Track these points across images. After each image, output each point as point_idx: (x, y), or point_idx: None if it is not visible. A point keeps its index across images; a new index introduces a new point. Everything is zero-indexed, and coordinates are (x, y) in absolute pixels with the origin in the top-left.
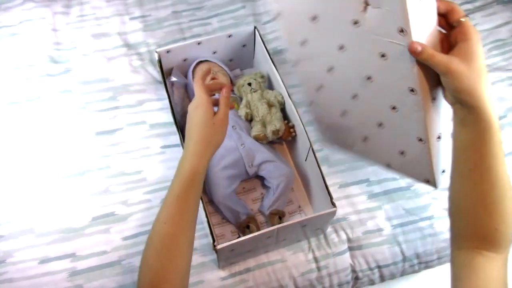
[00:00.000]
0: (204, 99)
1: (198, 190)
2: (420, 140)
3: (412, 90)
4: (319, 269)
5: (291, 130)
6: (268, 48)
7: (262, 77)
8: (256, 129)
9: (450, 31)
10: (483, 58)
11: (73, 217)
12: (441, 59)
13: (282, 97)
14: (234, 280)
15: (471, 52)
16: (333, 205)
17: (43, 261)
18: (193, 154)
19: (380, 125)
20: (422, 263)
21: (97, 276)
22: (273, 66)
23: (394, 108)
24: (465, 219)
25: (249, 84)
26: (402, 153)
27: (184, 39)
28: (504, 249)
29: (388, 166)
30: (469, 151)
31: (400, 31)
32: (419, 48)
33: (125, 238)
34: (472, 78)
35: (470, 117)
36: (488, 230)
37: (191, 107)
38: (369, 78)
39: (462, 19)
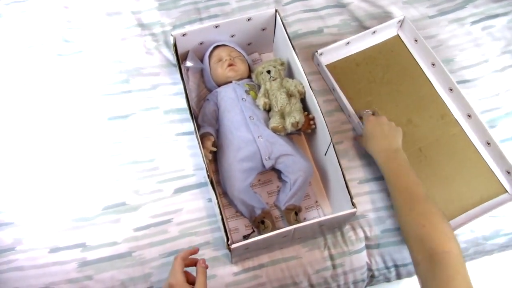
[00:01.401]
0: (179, 280)
1: None
2: None
3: None
4: (334, 267)
5: (311, 122)
6: (288, 31)
7: (282, 64)
8: (275, 121)
9: None
10: (371, 129)
11: (84, 206)
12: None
13: (303, 87)
14: (247, 275)
15: (364, 131)
16: (353, 205)
17: (53, 250)
18: None
19: None
20: None
21: (107, 267)
22: (294, 52)
23: None
24: (404, 233)
25: (268, 72)
26: None
27: (201, 19)
28: (447, 244)
29: None
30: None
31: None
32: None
33: (136, 229)
34: (364, 142)
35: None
36: (418, 230)
37: (165, 286)
38: None
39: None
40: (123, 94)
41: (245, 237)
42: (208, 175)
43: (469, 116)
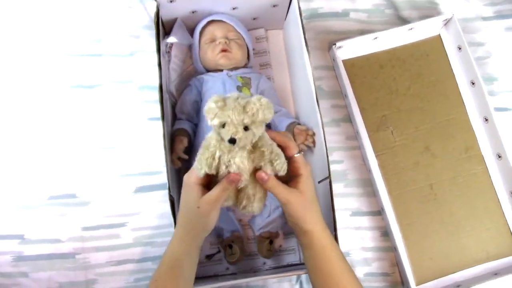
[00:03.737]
0: (192, 179)
1: (180, 279)
2: None
3: None
4: None
5: (309, 139)
6: (307, 7)
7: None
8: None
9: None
10: (313, 188)
11: (26, 192)
12: (282, 190)
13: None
14: None
15: (304, 185)
16: None
17: None
18: (174, 237)
19: None
20: None
21: (46, 266)
22: (305, 48)
23: None
24: None
25: (232, 141)
26: None
27: None
28: None
29: None
30: (315, 271)
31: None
32: (266, 177)
33: (84, 228)
34: (305, 207)
35: (307, 240)
36: None
37: (185, 177)
38: None
39: (296, 155)
40: (93, 57)
41: (208, 257)
42: (170, 194)
43: (499, 156)
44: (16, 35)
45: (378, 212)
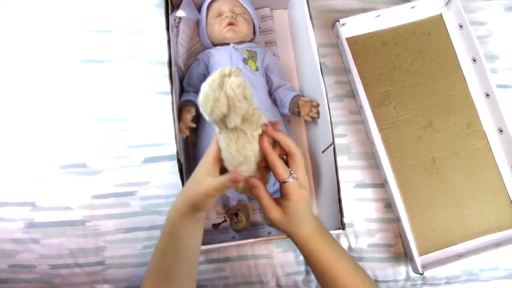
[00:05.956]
0: (211, 156)
1: (178, 246)
2: None
3: None
4: (308, 272)
5: (313, 109)
6: None
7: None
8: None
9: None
10: (303, 209)
11: (38, 162)
12: (267, 204)
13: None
14: (210, 266)
15: (290, 210)
16: (342, 226)
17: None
18: (173, 205)
19: None
20: (427, 284)
21: (57, 233)
22: (310, 24)
23: None
24: None
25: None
26: None
27: None
28: None
29: None
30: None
31: None
32: (256, 184)
33: (95, 197)
34: (288, 224)
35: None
36: None
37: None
38: None
39: (287, 180)
40: (103, 34)
41: (214, 225)
42: (179, 160)
43: (501, 130)
44: (29, 11)
45: (381, 185)
